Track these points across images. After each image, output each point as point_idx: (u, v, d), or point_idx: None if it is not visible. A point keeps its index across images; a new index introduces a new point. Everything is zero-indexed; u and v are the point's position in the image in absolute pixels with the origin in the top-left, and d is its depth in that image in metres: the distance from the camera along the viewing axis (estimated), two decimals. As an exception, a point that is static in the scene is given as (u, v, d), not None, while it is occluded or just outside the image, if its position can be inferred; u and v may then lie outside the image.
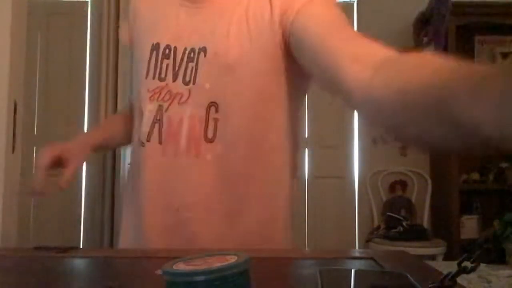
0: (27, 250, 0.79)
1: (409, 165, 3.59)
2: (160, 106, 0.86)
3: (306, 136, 3.54)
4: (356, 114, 3.74)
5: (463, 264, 0.43)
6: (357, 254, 0.80)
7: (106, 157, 2.83)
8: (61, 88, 3.52)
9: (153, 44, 0.90)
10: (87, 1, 3.57)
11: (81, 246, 3.10)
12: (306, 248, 3.71)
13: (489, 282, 1.00)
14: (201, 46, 0.84)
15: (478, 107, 0.36)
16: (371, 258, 0.71)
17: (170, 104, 0.85)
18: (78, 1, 3.63)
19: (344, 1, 3.56)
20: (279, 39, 0.82)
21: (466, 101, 0.37)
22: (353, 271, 0.60)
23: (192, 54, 0.85)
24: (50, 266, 0.68)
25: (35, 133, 3.36)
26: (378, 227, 3.37)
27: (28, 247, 0.80)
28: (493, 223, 3.26)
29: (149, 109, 0.87)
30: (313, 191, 3.56)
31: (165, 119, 0.85)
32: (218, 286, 0.43)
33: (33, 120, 3.39)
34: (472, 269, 0.42)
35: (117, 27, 2.85)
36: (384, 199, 3.52)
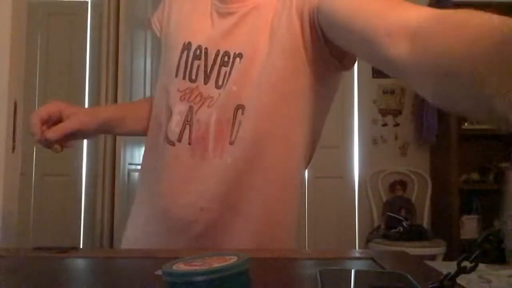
0: (27, 250, 0.79)
1: (409, 165, 3.60)
2: (190, 107, 0.86)
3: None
4: (356, 114, 3.72)
5: (462, 264, 0.43)
6: (357, 254, 0.80)
7: (106, 157, 2.83)
8: (61, 88, 3.52)
9: (184, 43, 0.90)
10: (87, 1, 3.57)
11: (81, 246, 3.10)
12: (306, 248, 3.71)
13: (489, 282, 1.00)
14: (237, 52, 0.84)
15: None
16: (371, 259, 0.71)
17: (200, 107, 0.86)
18: (78, 1, 3.64)
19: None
20: (297, 30, 0.81)
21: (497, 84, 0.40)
22: (353, 271, 0.60)
23: (226, 58, 0.85)
24: (50, 267, 0.68)
25: (35, 133, 3.35)
26: (378, 227, 3.37)
27: (28, 247, 0.80)
28: (493, 223, 3.26)
29: (179, 110, 0.87)
30: (313, 191, 3.56)
31: (194, 121, 0.86)
32: (218, 286, 0.43)
33: (33, 120, 3.39)
34: (472, 269, 0.42)
35: (116, 26, 2.85)
36: (384, 199, 3.52)
